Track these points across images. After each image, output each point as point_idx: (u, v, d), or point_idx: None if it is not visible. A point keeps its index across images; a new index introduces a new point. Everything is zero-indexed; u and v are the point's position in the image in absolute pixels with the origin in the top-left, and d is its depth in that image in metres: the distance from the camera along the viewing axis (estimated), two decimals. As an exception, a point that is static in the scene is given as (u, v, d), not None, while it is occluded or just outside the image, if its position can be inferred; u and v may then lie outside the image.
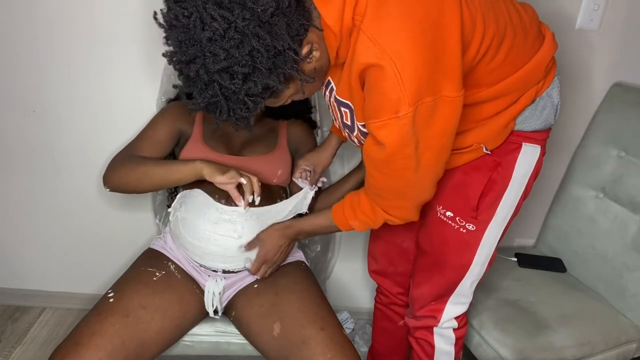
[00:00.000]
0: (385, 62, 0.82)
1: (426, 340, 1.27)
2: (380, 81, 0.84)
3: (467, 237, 1.12)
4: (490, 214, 1.11)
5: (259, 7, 0.81)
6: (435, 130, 0.90)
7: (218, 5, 0.81)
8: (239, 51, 0.82)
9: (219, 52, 0.82)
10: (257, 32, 0.82)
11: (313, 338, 1.10)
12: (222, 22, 0.81)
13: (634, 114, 1.48)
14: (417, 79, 0.83)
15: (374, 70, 0.84)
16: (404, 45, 0.82)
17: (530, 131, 1.07)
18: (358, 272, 1.80)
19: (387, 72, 0.82)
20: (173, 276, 1.24)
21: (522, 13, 1.00)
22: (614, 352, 1.38)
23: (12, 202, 1.67)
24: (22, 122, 1.54)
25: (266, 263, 1.23)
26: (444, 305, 1.22)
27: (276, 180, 1.33)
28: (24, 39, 1.44)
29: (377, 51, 0.82)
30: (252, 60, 0.84)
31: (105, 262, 1.70)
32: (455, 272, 1.18)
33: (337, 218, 1.15)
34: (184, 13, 0.82)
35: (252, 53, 0.83)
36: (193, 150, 1.30)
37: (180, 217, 1.25)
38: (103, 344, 1.05)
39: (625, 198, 1.46)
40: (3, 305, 1.82)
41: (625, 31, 1.53)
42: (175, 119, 1.34)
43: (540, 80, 1.03)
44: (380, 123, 0.88)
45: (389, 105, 0.85)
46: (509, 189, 1.09)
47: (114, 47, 1.46)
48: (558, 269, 1.60)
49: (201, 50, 0.83)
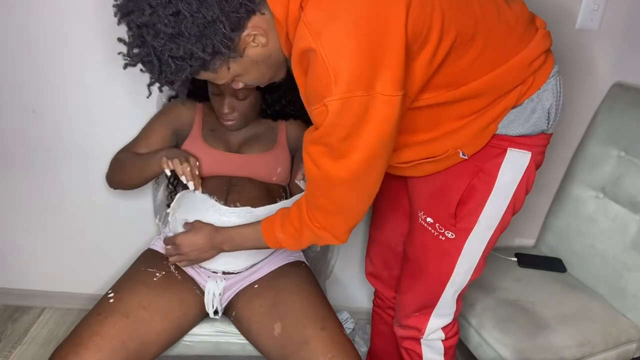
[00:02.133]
0: (316, 46, 0.79)
1: (414, 350, 1.25)
2: (313, 66, 0.82)
3: (446, 245, 1.08)
4: (471, 222, 1.04)
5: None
6: (368, 128, 0.84)
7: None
8: (164, 10, 0.83)
9: (145, 7, 0.84)
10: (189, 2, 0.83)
11: (314, 338, 1.10)
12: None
13: (634, 114, 1.48)
14: (346, 69, 0.79)
15: (308, 55, 0.82)
16: (337, 34, 0.80)
17: (516, 135, 0.99)
18: (358, 272, 1.79)
19: (318, 57, 0.80)
20: (173, 277, 1.23)
21: (505, 10, 0.94)
22: (614, 352, 1.38)
23: (12, 202, 1.67)
24: (22, 122, 1.54)
25: (179, 250, 1.18)
26: (428, 317, 1.19)
27: (275, 179, 1.33)
28: (23, 39, 1.44)
29: (311, 36, 0.80)
30: (176, 22, 0.84)
31: (105, 262, 1.70)
32: (435, 281, 1.14)
33: (265, 229, 1.07)
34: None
35: (178, 15, 0.84)
36: (192, 148, 1.31)
37: (180, 218, 1.25)
38: (103, 345, 1.05)
39: (625, 198, 1.46)
40: (3, 305, 1.82)
41: (625, 31, 1.53)
42: (172, 118, 1.34)
43: (524, 80, 0.96)
44: (314, 110, 0.85)
45: (320, 91, 0.82)
46: (492, 196, 1.02)
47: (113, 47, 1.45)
48: (558, 269, 1.60)
49: (135, 4, 0.85)
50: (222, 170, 1.30)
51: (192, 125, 1.33)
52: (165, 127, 1.35)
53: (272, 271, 1.28)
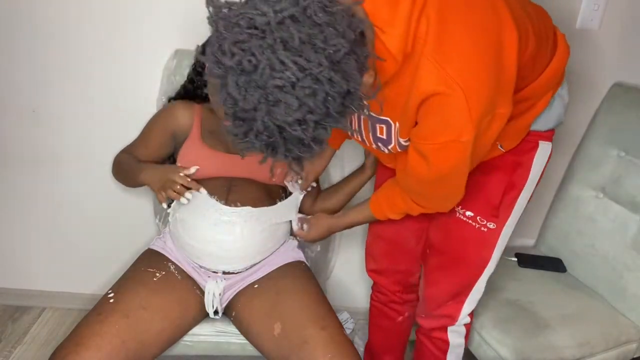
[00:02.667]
0: (453, 90, 0.81)
1: (440, 338, 1.30)
2: (445, 107, 0.84)
3: (487, 235, 1.16)
4: (508, 211, 1.15)
5: (331, 47, 0.73)
6: (483, 141, 0.92)
7: (288, 49, 0.72)
8: (313, 100, 0.74)
9: (291, 102, 0.73)
10: (331, 77, 0.74)
11: (314, 338, 1.10)
12: (296, 70, 0.71)
13: (634, 114, 1.48)
14: (483, 104, 0.84)
15: (439, 97, 0.83)
16: (472, 74, 0.82)
17: (545, 130, 1.10)
18: (358, 272, 1.79)
19: (454, 100, 0.82)
20: (173, 277, 1.23)
21: (538, 19, 1.00)
22: (614, 352, 1.38)
23: (12, 202, 1.67)
24: (22, 122, 1.54)
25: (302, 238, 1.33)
26: (462, 304, 1.25)
27: (275, 179, 1.33)
28: (24, 39, 1.44)
29: (445, 79, 0.81)
30: (325, 107, 0.76)
31: (105, 262, 1.69)
32: (474, 270, 1.21)
33: (376, 212, 1.21)
34: (251, 60, 0.72)
35: (326, 99, 0.75)
36: (191, 149, 1.31)
37: (180, 218, 1.25)
38: (103, 345, 1.05)
39: (625, 198, 1.46)
40: (3, 305, 1.82)
41: (625, 31, 1.53)
42: (170, 121, 1.34)
43: (558, 83, 1.06)
44: (438, 145, 0.89)
45: (450, 130, 0.86)
46: (526, 186, 1.13)
47: (113, 47, 1.46)
48: (558, 269, 1.60)
49: (266, 98, 0.73)
50: (222, 171, 1.30)
51: (191, 127, 1.33)
52: (164, 130, 1.35)
53: (272, 271, 1.28)
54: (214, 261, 1.24)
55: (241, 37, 0.72)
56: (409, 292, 1.44)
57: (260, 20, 0.71)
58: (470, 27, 0.83)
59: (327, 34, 0.73)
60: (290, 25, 0.71)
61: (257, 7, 0.72)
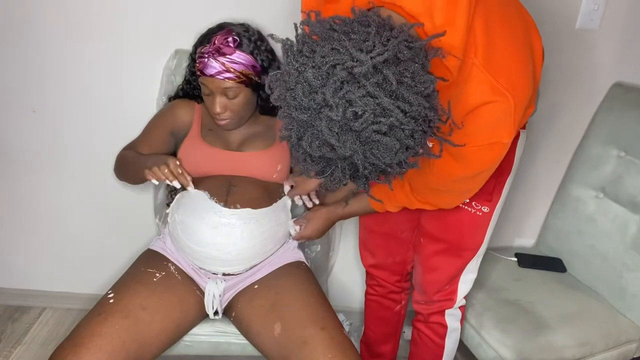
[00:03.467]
0: (505, 98, 0.84)
1: (439, 322, 1.34)
2: (493, 114, 0.86)
3: (481, 219, 1.23)
4: (499, 195, 1.22)
5: (421, 85, 0.74)
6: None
7: (389, 94, 0.71)
8: (413, 140, 0.75)
9: (392, 145, 0.73)
10: (426, 115, 0.75)
11: (313, 338, 1.10)
12: (400, 114, 0.71)
13: (634, 114, 1.48)
14: (524, 109, 0.88)
15: (490, 105, 0.85)
16: (520, 82, 0.86)
17: None
18: (358, 273, 1.79)
19: (505, 107, 0.84)
20: (173, 277, 1.23)
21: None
22: (614, 352, 1.38)
23: (12, 202, 1.67)
24: (22, 122, 1.54)
25: (304, 238, 1.33)
26: (457, 285, 1.30)
27: (276, 176, 1.33)
28: (24, 39, 1.44)
29: (498, 89, 0.83)
30: (421, 143, 0.77)
31: (105, 262, 1.69)
32: (468, 253, 1.28)
33: (376, 206, 1.22)
34: (356, 111, 0.71)
35: (422, 136, 0.77)
36: (191, 147, 1.31)
37: (179, 220, 1.24)
38: (103, 345, 1.05)
39: (625, 198, 1.46)
40: (3, 305, 1.82)
41: (625, 31, 1.52)
42: (170, 119, 1.35)
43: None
44: (478, 147, 0.90)
45: (495, 133, 0.89)
46: (512, 171, 1.21)
47: (113, 46, 1.46)
48: (558, 269, 1.60)
49: (361, 143, 0.73)
50: (222, 169, 1.30)
51: (190, 125, 1.33)
52: (164, 128, 1.35)
53: (272, 272, 1.27)
54: (214, 263, 1.23)
55: (337, 85, 0.71)
56: (406, 280, 1.49)
57: (358, 70, 0.70)
58: (511, 36, 0.87)
59: (414, 71, 0.73)
60: (383, 69, 0.71)
61: (352, 55, 0.71)
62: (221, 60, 1.19)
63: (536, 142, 1.62)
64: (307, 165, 0.80)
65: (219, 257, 1.22)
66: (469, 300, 1.42)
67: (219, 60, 1.19)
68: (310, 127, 0.75)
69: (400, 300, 1.51)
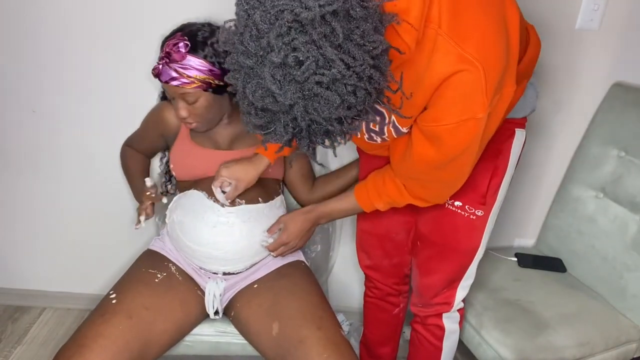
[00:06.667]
0: (474, 67, 0.80)
1: (437, 325, 1.33)
2: (463, 85, 0.82)
3: (476, 222, 1.19)
4: (494, 198, 1.19)
5: (370, 44, 0.73)
6: (492, 120, 0.92)
7: (335, 46, 0.70)
8: (354, 97, 0.74)
9: (333, 99, 0.72)
10: (371, 74, 0.74)
11: (309, 338, 1.10)
12: (342, 67, 0.71)
13: (634, 114, 1.48)
14: (496, 81, 0.84)
15: (459, 75, 0.82)
16: (489, 50, 0.82)
17: (521, 118, 1.15)
18: (358, 273, 1.79)
19: (474, 76, 0.81)
20: (174, 278, 1.23)
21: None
22: (614, 352, 1.38)
23: (12, 202, 1.67)
24: (22, 122, 1.54)
25: (285, 245, 1.25)
26: (455, 290, 1.29)
27: (270, 171, 1.32)
28: (24, 39, 1.44)
29: (465, 57, 0.80)
30: (363, 103, 0.76)
31: (105, 263, 1.70)
32: (466, 257, 1.25)
33: (361, 200, 1.19)
34: (297, 56, 0.70)
35: (365, 96, 0.75)
36: (181, 148, 1.31)
37: (177, 220, 1.24)
38: (107, 346, 1.05)
39: (625, 198, 1.46)
40: (3, 305, 1.82)
41: (625, 31, 1.52)
42: (158, 122, 1.35)
43: (532, 73, 1.08)
44: (453, 125, 0.87)
45: (467, 108, 0.85)
46: (507, 172, 1.18)
47: (113, 46, 1.45)
48: (558, 269, 1.60)
49: (303, 95, 0.72)
50: (213, 168, 1.28)
51: (179, 127, 1.33)
52: (154, 131, 1.37)
53: (271, 271, 1.28)
54: (214, 263, 1.24)
55: (283, 30, 0.70)
56: (404, 283, 1.48)
57: (305, 15, 0.69)
58: (479, 3, 0.83)
59: (365, 30, 0.72)
60: (332, 20, 0.70)
61: (301, 1, 0.70)
62: (173, 66, 1.15)
63: (536, 142, 1.62)
64: (250, 118, 0.79)
65: (219, 256, 1.22)
66: (469, 300, 1.42)
67: (171, 67, 1.15)
68: (255, 76, 0.74)
69: (399, 304, 1.50)
